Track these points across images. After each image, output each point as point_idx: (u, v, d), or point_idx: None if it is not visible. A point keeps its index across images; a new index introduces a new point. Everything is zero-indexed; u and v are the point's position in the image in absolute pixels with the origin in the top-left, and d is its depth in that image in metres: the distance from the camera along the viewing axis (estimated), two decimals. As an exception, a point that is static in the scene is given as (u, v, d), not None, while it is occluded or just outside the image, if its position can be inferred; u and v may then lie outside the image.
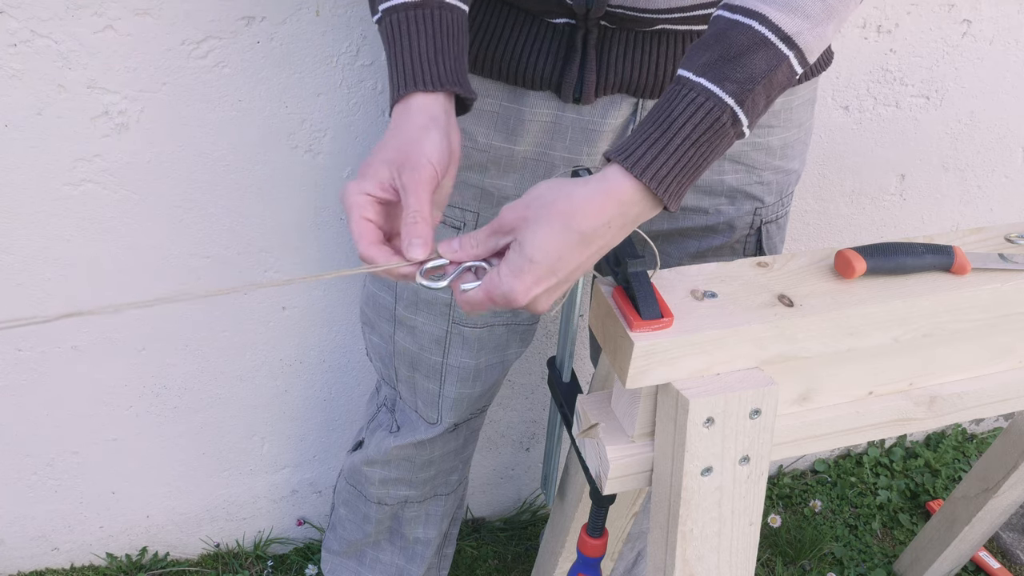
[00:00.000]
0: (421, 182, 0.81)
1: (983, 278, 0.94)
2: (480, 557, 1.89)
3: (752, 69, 0.78)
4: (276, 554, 1.87)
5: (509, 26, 1.04)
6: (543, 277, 0.79)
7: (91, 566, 1.80)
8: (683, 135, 0.78)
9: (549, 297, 0.82)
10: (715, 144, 0.79)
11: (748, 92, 0.78)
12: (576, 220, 0.78)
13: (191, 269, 1.47)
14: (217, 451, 1.71)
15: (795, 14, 0.78)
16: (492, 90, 1.08)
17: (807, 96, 1.14)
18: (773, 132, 1.11)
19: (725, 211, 1.14)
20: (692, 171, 0.79)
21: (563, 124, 1.07)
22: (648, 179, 0.78)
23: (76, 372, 1.54)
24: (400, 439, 1.37)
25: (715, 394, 0.85)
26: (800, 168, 1.20)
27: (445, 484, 1.46)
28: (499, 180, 1.11)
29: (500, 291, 0.79)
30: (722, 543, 0.93)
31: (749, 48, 0.78)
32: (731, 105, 0.78)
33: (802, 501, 2.07)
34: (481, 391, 1.31)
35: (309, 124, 1.38)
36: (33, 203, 1.35)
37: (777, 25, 0.78)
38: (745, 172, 1.12)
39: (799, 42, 0.79)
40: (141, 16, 1.23)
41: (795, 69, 0.80)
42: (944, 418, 1.02)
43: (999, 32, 1.63)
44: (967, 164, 1.81)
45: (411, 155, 0.82)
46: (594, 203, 0.78)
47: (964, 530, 1.70)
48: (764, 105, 0.80)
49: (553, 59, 1.02)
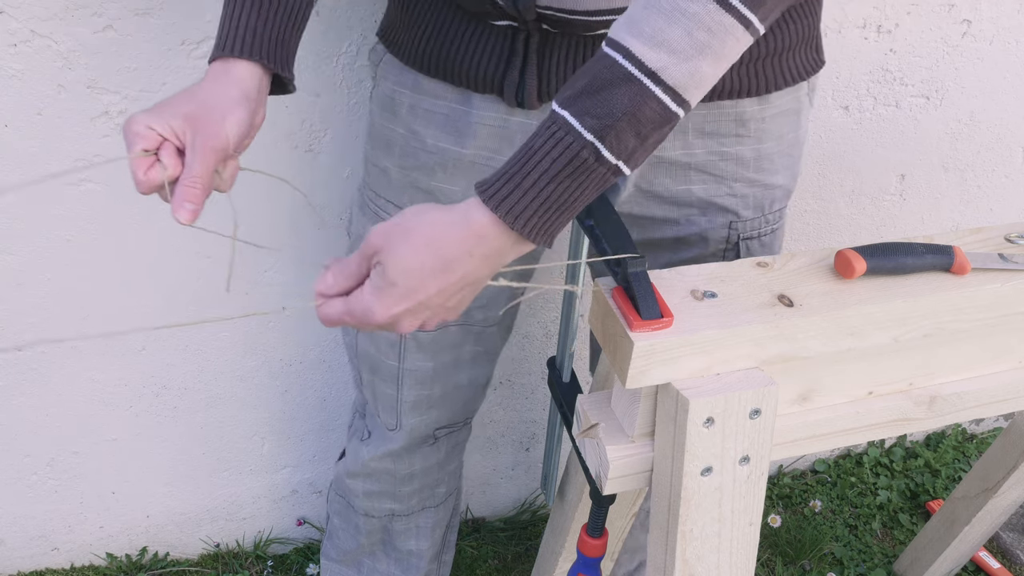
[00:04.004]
0: (212, 151, 0.85)
1: (983, 278, 0.94)
2: (480, 557, 1.89)
3: (612, 104, 0.74)
4: (276, 554, 1.87)
5: (455, 27, 1.03)
6: (403, 298, 0.79)
7: (91, 566, 1.80)
8: (541, 169, 0.75)
9: (413, 318, 0.81)
10: (580, 181, 0.76)
11: (610, 128, 0.74)
12: (437, 246, 0.77)
13: (191, 269, 1.47)
14: (217, 451, 1.71)
15: (660, 48, 0.74)
16: (442, 92, 1.07)
17: (785, 107, 1.09)
18: (743, 142, 1.07)
19: (697, 222, 1.11)
20: (557, 208, 0.77)
21: (511, 129, 1.05)
22: (503, 213, 0.76)
23: (76, 372, 1.54)
24: (372, 449, 1.36)
25: (715, 394, 0.85)
26: (787, 184, 1.15)
27: (432, 497, 1.44)
28: (447, 184, 1.10)
29: (360, 307, 0.80)
30: (722, 543, 0.93)
31: (612, 82, 0.74)
32: (590, 140, 0.74)
33: (802, 501, 2.07)
34: (442, 393, 1.28)
35: (309, 124, 1.38)
36: (33, 203, 1.35)
37: (640, 59, 0.74)
38: (714, 183, 1.09)
39: (665, 77, 0.74)
40: (141, 16, 1.23)
41: (667, 107, 0.75)
42: (944, 418, 1.02)
43: (999, 32, 1.63)
44: (967, 164, 1.81)
45: (212, 123, 0.85)
46: (454, 231, 0.78)
47: (964, 530, 1.70)
48: (636, 142, 0.76)
49: (496, 62, 1.01)
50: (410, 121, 1.10)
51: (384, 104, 1.13)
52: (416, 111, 1.09)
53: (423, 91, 1.08)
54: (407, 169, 1.12)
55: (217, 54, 0.90)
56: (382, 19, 1.16)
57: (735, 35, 0.75)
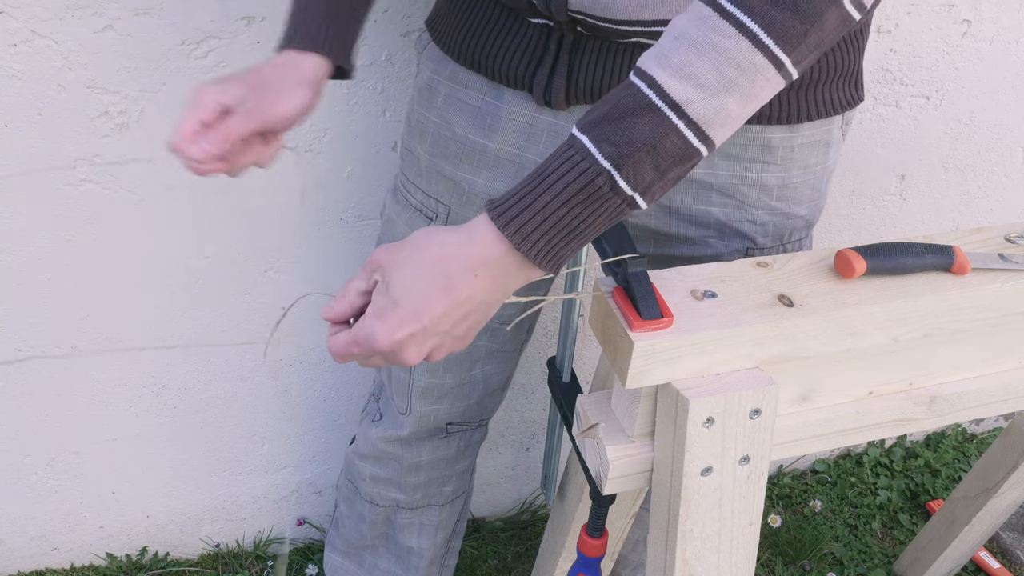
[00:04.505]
0: (259, 115, 0.91)
1: (983, 278, 0.94)
2: (480, 557, 1.89)
3: (633, 133, 0.73)
4: (276, 554, 1.87)
5: (493, 20, 1.04)
6: (407, 321, 0.77)
7: (91, 566, 1.80)
8: (553, 193, 0.74)
9: (418, 346, 0.79)
10: (593, 209, 0.75)
11: (627, 157, 0.73)
12: (443, 265, 0.76)
13: (191, 269, 1.47)
14: (217, 451, 1.71)
15: (687, 81, 0.72)
16: (476, 83, 1.08)
17: (815, 137, 1.06)
18: (768, 169, 1.06)
19: (713, 244, 1.10)
20: (566, 234, 0.75)
21: (538, 127, 1.05)
22: (510, 233, 0.75)
23: (76, 372, 1.54)
24: (382, 429, 1.37)
25: (715, 394, 0.85)
26: (809, 215, 1.12)
27: (439, 495, 1.44)
28: (471, 175, 1.11)
29: (364, 333, 0.78)
30: (722, 543, 0.93)
31: (634, 111, 0.73)
32: (607, 168, 0.73)
33: (802, 501, 2.07)
34: (454, 384, 1.29)
35: (309, 124, 1.38)
36: (33, 203, 1.35)
37: (666, 91, 0.73)
38: (735, 207, 1.07)
39: (688, 111, 0.73)
40: (141, 16, 1.23)
41: (689, 142, 0.74)
42: (944, 418, 1.02)
43: (999, 32, 1.63)
44: (967, 164, 1.81)
45: (270, 93, 0.92)
46: (459, 250, 0.77)
47: (964, 530, 1.70)
48: (655, 175, 0.74)
49: (528, 59, 1.02)
50: (444, 109, 1.11)
51: (422, 91, 1.14)
52: (451, 100, 1.10)
53: (459, 81, 1.09)
54: (435, 156, 1.13)
55: (285, 44, 0.96)
56: (431, 8, 1.16)
57: (766, 75, 0.74)
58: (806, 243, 1.16)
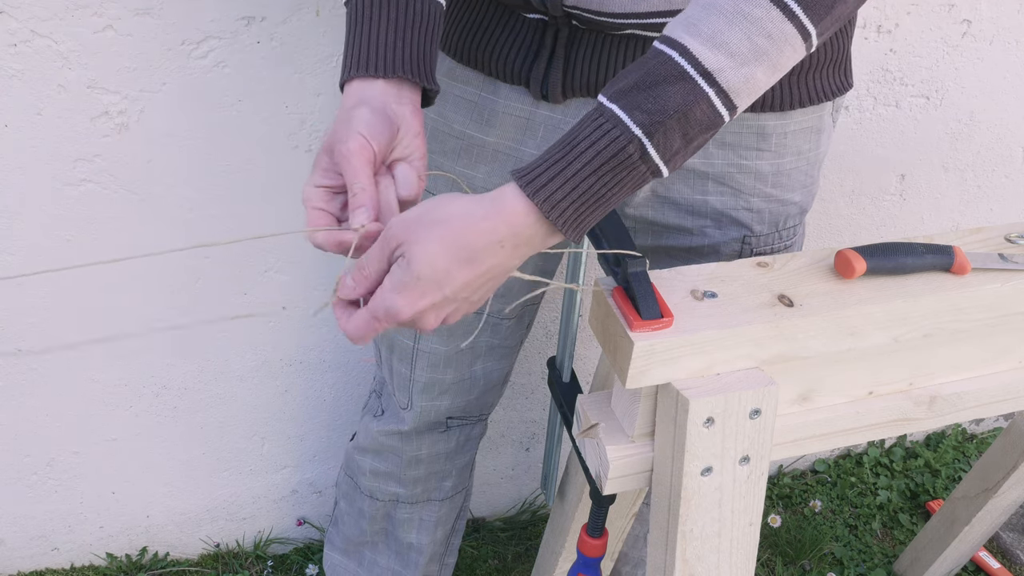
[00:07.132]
0: (351, 154, 0.82)
1: (983, 278, 0.94)
2: (480, 557, 1.89)
3: (666, 101, 0.73)
4: (276, 554, 1.87)
5: (488, 17, 1.05)
6: (428, 292, 0.77)
7: (91, 566, 1.80)
8: (584, 160, 0.74)
9: (437, 314, 0.79)
10: (621, 177, 0.75)
11: (659, 125, 0.73)
12: (467, 236, 0.76)
13: (191, 269, 1.47)
14: (217, 451, 1.71)
15: (719, 50, 0.73)
16: (472, 79, 1.08)
17: (807, 124, 1.08)
18: (762, 156, 1.07)
19: (711, 234, 1.10)
20: (594, 202, 0.76)
21: (536, 121, 1.06)
22: (540, 201, 0.75)
23: (76, 372, 1.54)
24: (383, 423, 1.37)
25: (715, 394, 0.85)
26: (803, 201, 1.14)
27: (438, 490, 1.45)
28: (469, 170, 1.11)
29: (383, 307, 0.78)
30: (722, 543, 0.93)
31: (666, 79, 0.73)
32: (638, 136, 0.73)
33: (802, 501, 2.07)
34: (454, 379, 1.29)
35: (309, 124, 1.38)
36: (33, 203, 1.35)
37: (697, 59, 0.73)
38: (731, 195, 1.08)
39: (720, 80, 0.74)
40: (141, 16, 1.23)
41: (717, 110, 0.75)
42: (944, 418, 1.02)
43: (999, 32, 1.63)
44: (967, 164, 1.81)
45: (339, 132, 0.84)
46: (487, 221, 0.76)
47: (964, 530, 1.70)
48: (681, 143, 0.75)
49: (524, 53, 1.02)
50: (442, 105, 1.11)
51: None
52: (447, 96, 1.11)
53: (456, 77, 1.10)
54: (434, 153, 1.13)
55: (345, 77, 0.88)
56: None
57: (793, 45, 0.75)
58: (800, 229, 1.18)
